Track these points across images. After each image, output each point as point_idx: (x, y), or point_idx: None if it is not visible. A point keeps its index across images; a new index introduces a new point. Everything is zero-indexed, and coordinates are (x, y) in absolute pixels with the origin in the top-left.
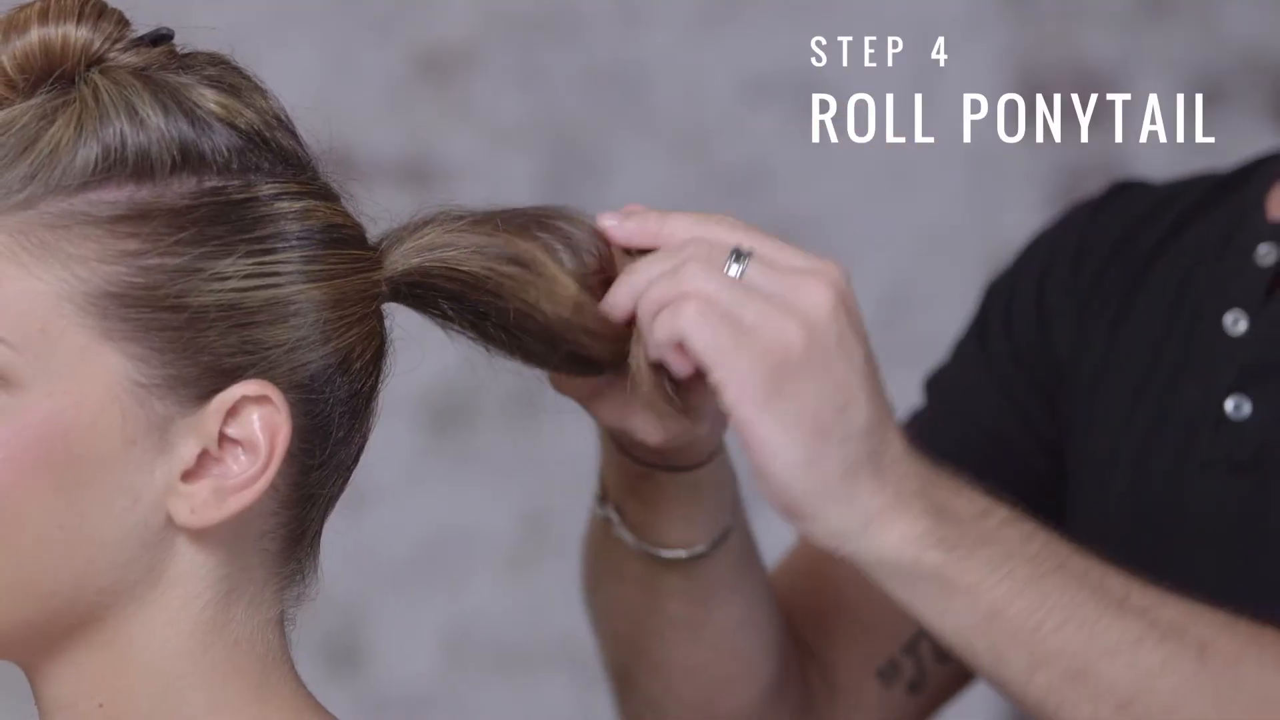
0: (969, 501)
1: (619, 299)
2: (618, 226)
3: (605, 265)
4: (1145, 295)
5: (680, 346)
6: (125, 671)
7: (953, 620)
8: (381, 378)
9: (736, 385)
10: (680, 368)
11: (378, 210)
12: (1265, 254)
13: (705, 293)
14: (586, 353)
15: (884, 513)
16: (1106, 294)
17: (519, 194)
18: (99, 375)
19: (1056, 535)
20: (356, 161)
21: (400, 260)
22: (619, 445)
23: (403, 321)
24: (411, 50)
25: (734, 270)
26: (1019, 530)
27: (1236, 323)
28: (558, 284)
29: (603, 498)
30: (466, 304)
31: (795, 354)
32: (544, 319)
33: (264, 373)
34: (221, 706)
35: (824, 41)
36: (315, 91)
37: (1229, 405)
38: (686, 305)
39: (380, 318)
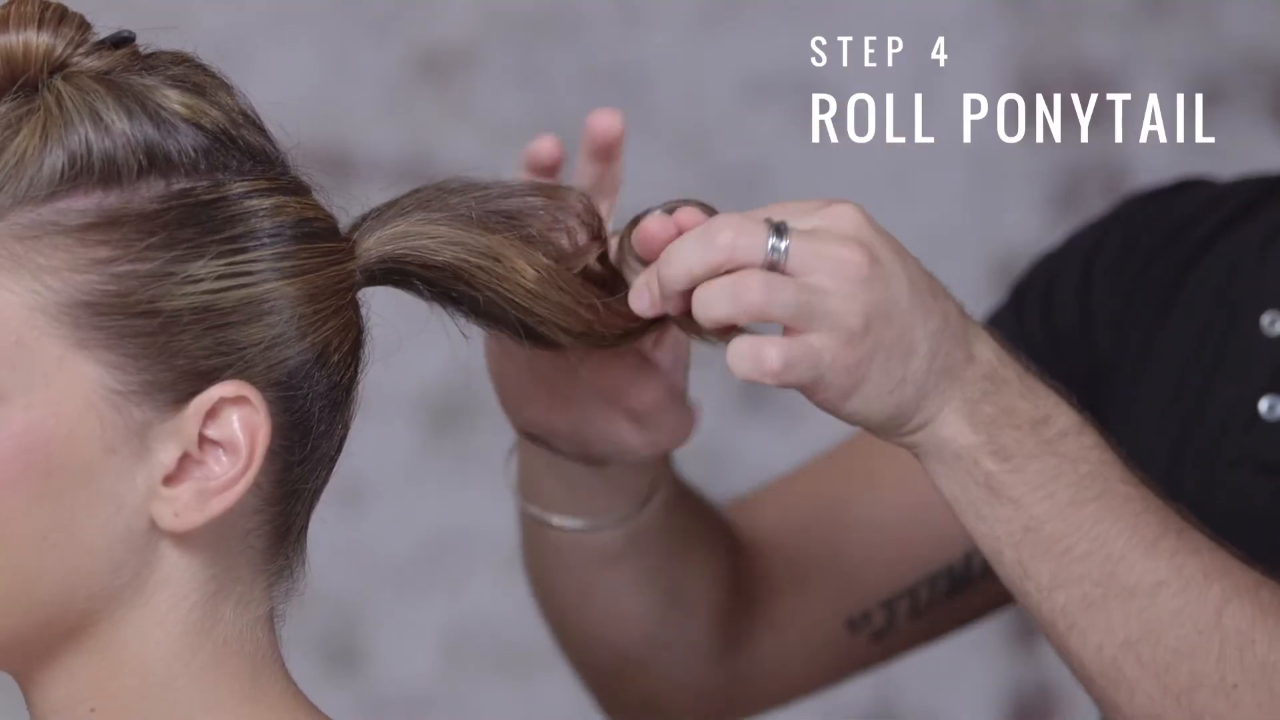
0: (1033, 405)
1: (668, 287)
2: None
3: (596, 236)
4: (1186, 294)
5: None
6: (116, 675)
7: (989, 526)
8: (361, 367)
9: (840, 331)
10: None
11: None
12: None
13: (763, 264)
14: (558, 339)
15: (948, 416)
16: (1150, 290)
17: None
18: (76, 384)
19: (1111, 454)
20: (356, 161)
21: (374, 248)
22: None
23: (403, 322)
24: (411, 50)
25: (777, 244)
26: (1075, 445)
27: (1274, 324)
28: (525, 277)
29: (526, 496)
30: (438, 287)
31: (866, 272)
32: (515, 309)
33: (241, 373)
34: (213, 706)
35: (824, 41)
36: (315, 91)
37: (1263, 405)
38: (750, 278)
39: (356, 307)
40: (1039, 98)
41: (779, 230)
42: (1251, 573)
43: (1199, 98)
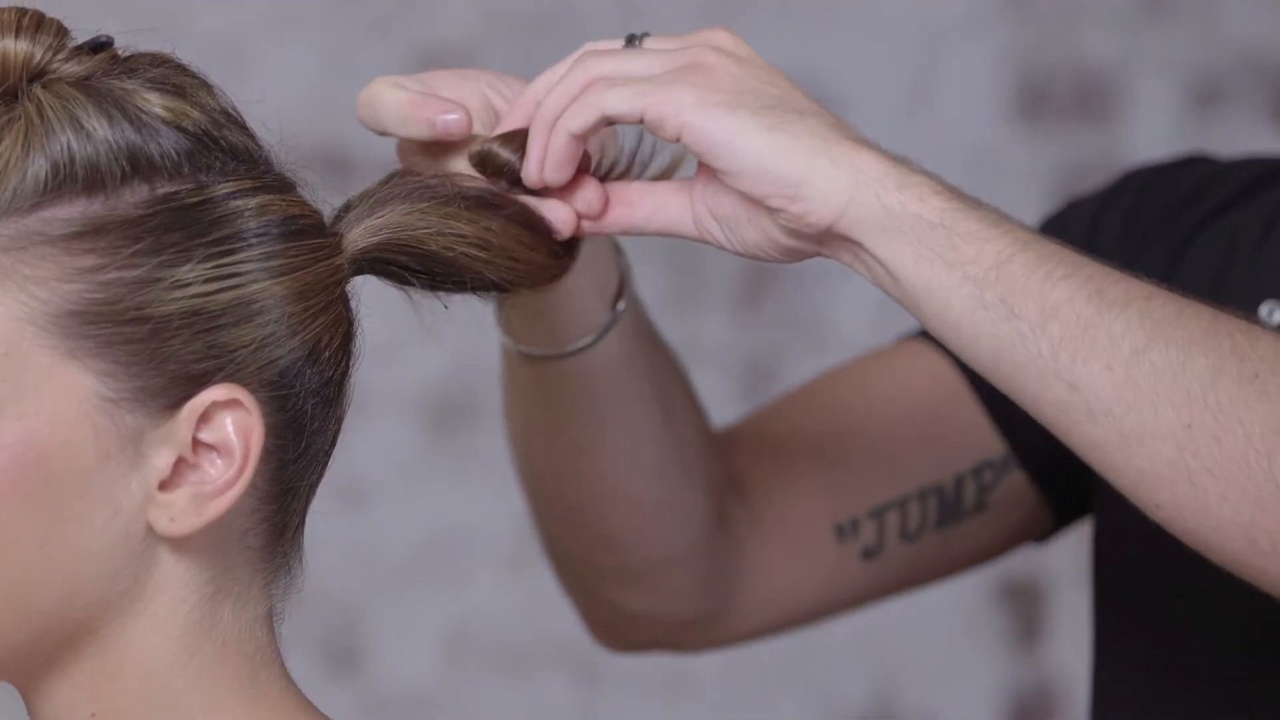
0: (951, 186)
1: (512, 124)
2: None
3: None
4: (1183, 277)
5: (581, 137)
6: (116, 680)
7: (961, 271)
8: (352, 362)
9: (669, 103)
10: (560, 170)
11: None
12: None
13: (612, 67)
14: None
15: (875, 165)
16: (1148, 269)
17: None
18: (68, 394)
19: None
20: (356, 161)
21: (360, 239)
22: None
23: (403, 322)
24: (411, 50)
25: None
26: (1003, 213)
27: (1272, 313)
28: (519, 263)
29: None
30: (426, 274)
31: (713, 62)
32: (503, 287)
33: (232, 375)
34: (213, 708)
35: (824, 42)
36: (315, 91)
37: None
38: (593, 86)
39: (345, 301)
40: (1039, 98)
41: (631, 39)
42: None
43: (1199, 98)
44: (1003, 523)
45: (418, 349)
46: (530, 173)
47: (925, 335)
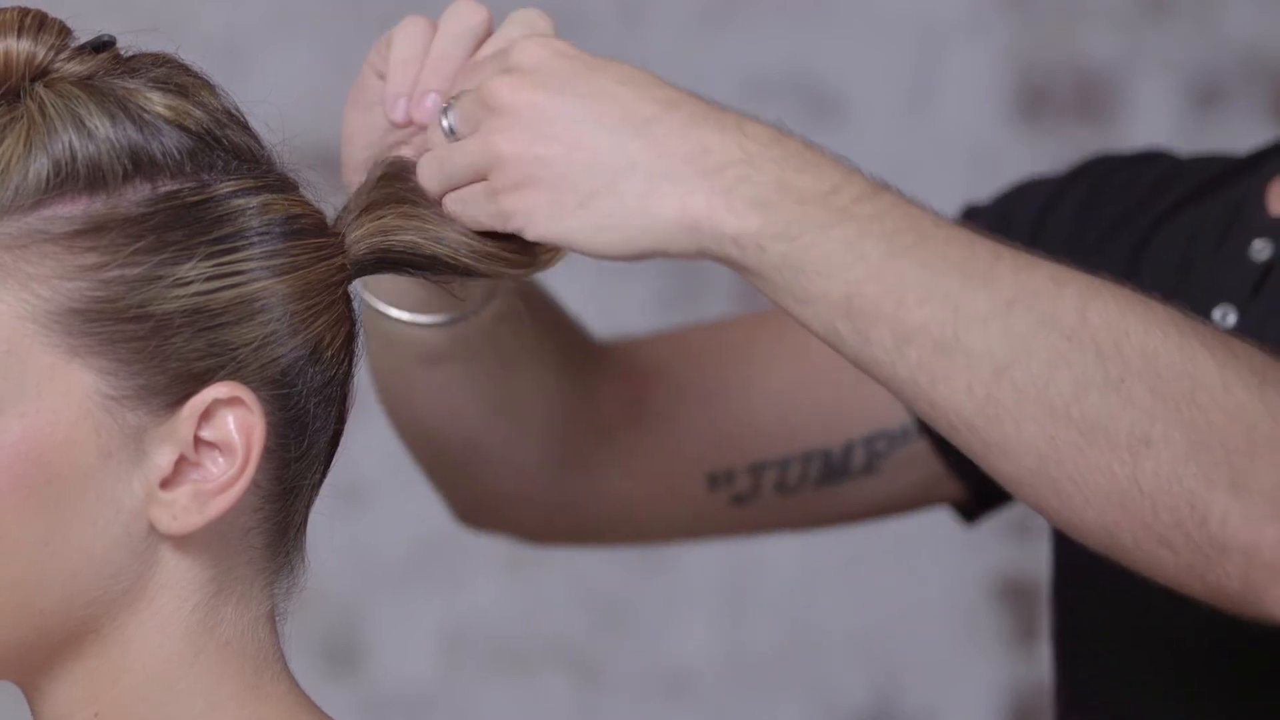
0: (816, 178)
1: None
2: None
3: None
4: (1143, 278)
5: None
6: (119, 679)
7: (814, 309)
8: (355, 361)
9: (516, 225)
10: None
11: None
12: (1260, 249)
13: (439, 171)
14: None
15: (704, 205)
16: (1106, 267)
17: None
18: (69, 392)
19: (916, 206)
20: None
21: (362, 240)
22: None
23: None
24: None
25: (445, 123)
26: (874, 206)
27: (1225, 317)
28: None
29: (366, 284)
30: (426, 271)
31: (515, 150)
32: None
33: (234, 373)
34: (217, 708)
35: (824, 42)
36: (315, 91)
37: None
38: (449, 204)
39: (348, 300)
40: (1039, 98)
41: (445, 110)
42: (1095, 276)
43: (1199, 98)
44: (896, 486)
45: None
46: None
47: None
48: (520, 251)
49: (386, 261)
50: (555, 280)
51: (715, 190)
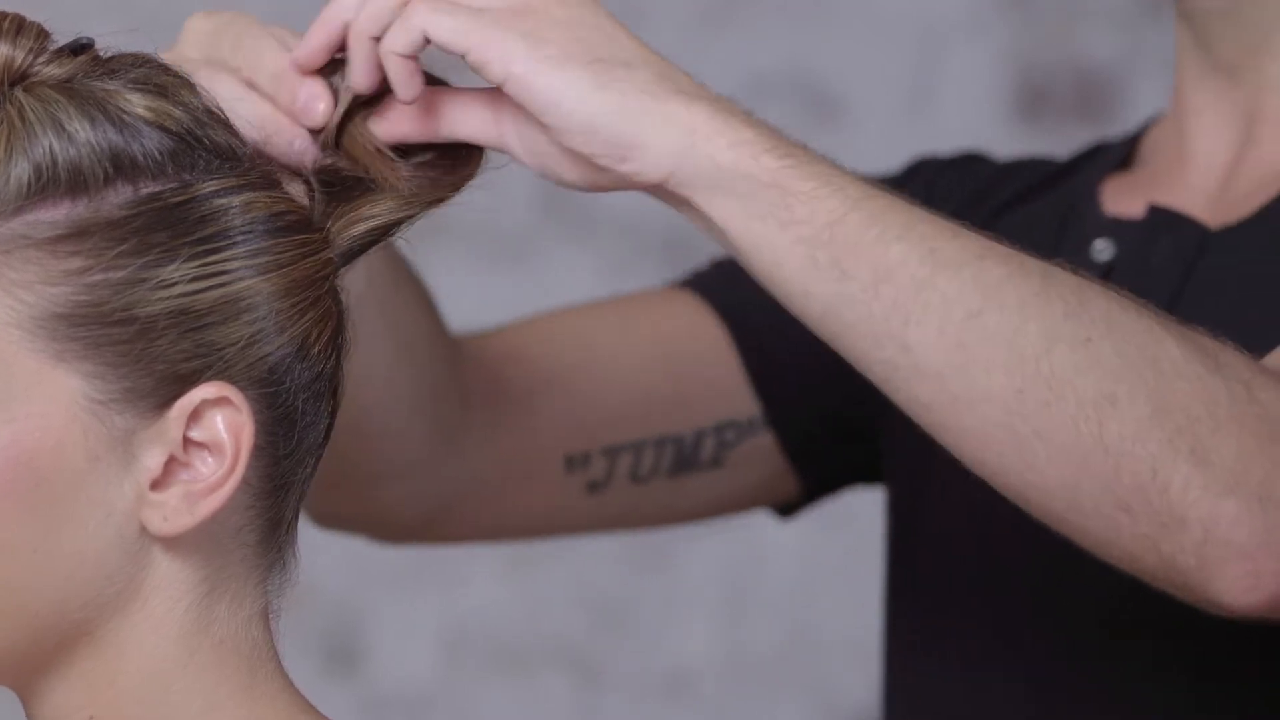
0: (784, 137)
1: (316, 42)
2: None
3: None
4: None
5: (413, 60)
6: (114, 681)
7: (793, 232)
8: (343, 355)
9: (497, 49)
10: (408, 88)
11: None
12: (1101, 249)
13: None
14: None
15: (708, 122)
16: None
17: (519, 194)
18: (56, 397)
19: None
20: None
21: (344, 230)
22: None
23: None
24: None
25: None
26: (837, 166)
27: (1102, 252)
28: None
29: None
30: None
31: (541, 6)
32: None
33: (221, 373)
34: (212, 707)
35: (824, 41)
36: None
37: None
38: (416, 7)
39: (335, 295)
40: (1039, 98)
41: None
42: (1046, 261)
43: None
44: (739, 482)
45: None
46: (359, 82)
47: (695, 284)
48: (452, 170)
49: (368, 244)
50: (555, 280)
51: (717, 110)
